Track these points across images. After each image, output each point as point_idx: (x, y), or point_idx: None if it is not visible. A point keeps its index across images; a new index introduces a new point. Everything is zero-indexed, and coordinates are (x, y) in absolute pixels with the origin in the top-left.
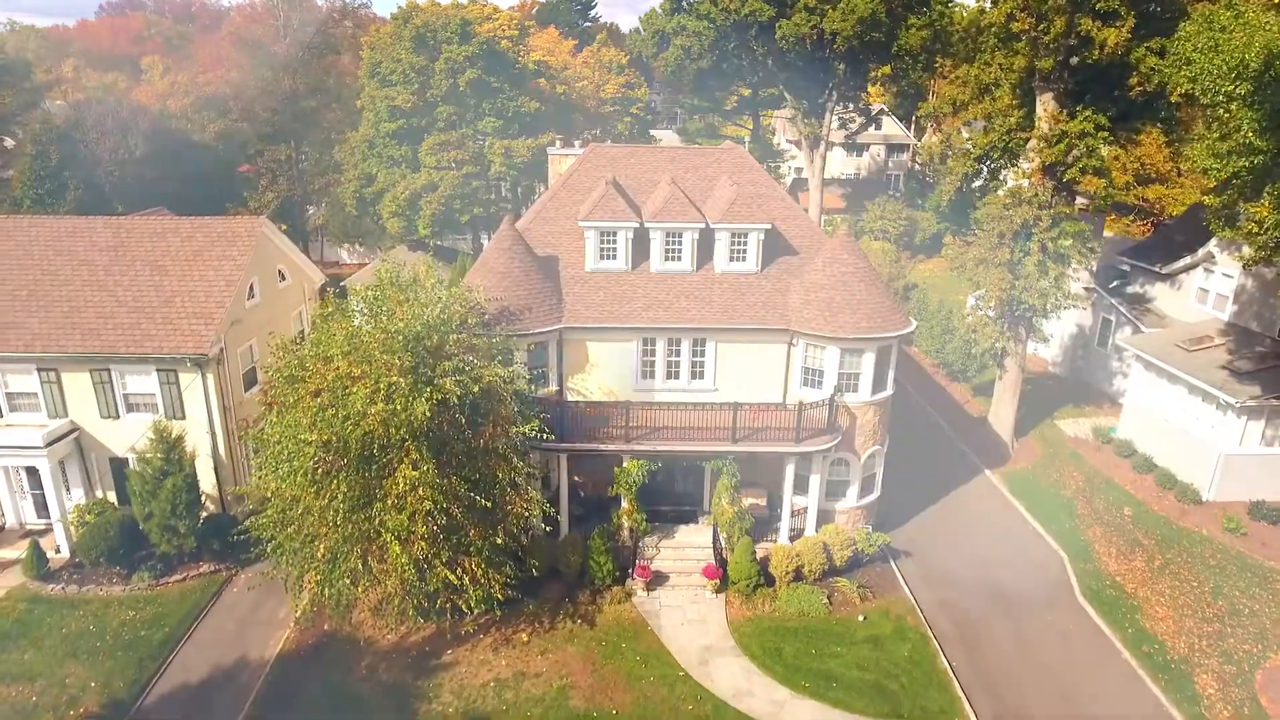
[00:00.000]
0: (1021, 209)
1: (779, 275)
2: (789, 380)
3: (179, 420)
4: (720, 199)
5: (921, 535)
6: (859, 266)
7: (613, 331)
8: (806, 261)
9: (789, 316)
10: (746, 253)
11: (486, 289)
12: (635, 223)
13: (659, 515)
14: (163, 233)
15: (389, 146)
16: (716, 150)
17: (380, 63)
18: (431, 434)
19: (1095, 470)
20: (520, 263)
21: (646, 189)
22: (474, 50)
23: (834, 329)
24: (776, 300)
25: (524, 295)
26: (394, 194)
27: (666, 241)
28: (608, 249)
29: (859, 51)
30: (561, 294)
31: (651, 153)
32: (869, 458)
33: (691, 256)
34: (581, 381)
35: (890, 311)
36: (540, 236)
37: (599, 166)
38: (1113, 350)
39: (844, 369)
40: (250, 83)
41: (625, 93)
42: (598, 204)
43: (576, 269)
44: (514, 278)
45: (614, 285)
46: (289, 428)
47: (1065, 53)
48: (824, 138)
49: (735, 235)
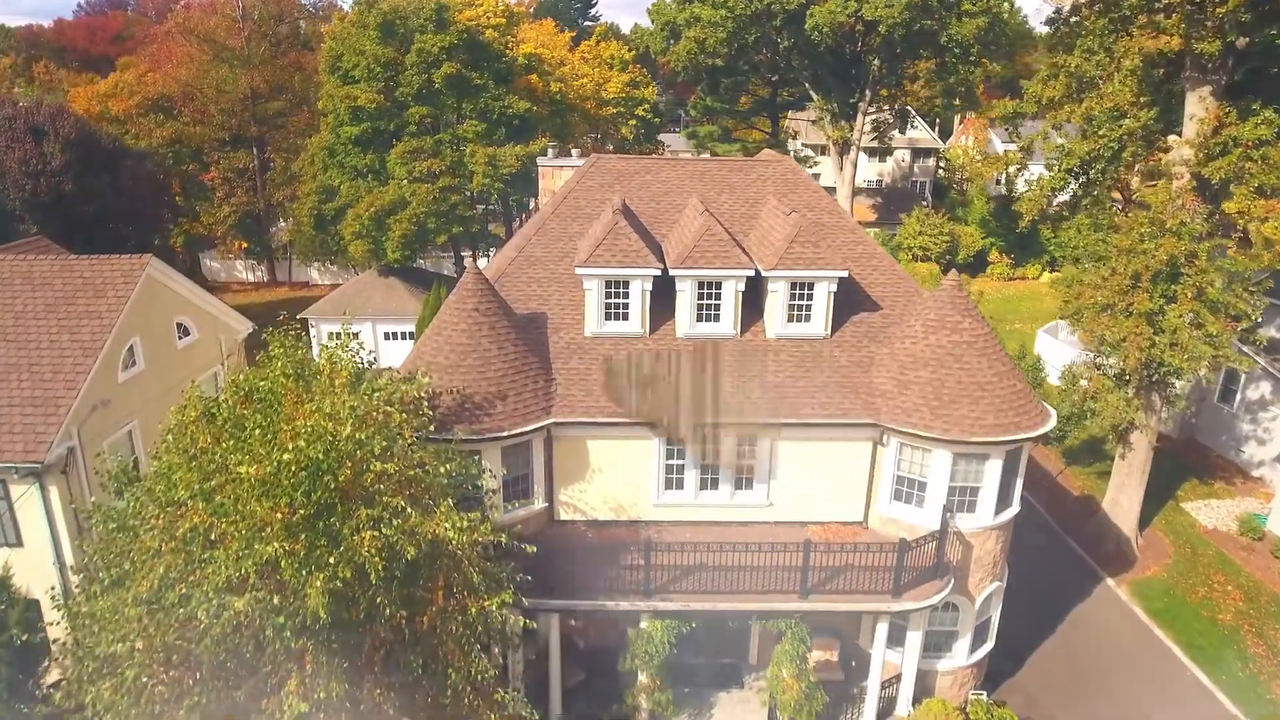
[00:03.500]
0: (1167, 241)
1: (857, 341)
2: (874, 491)
3: (10, 548)
4: (773, 234)
5: (1046, 692)
6: (977, 333)
7: (625, 427)
8: (894, 322)
9: (876, 404)
10: (812, 311)
11: (440, 371)
12: (655, 269)
13: (688, 675)
14: (7, 279)
15: (352, 155)
16: (757, 163)
17: (341, 55)
18: (339, 627)
19: (1254, 583)
20: (490, 329)
21: (667, 216)
22: (452, 40)
23: (945, 426)
24: (856, 379)
25: (495, 377)
26: (357, 210)
27: (700, 295)
28: (617, 306)
29: (901, 44)
30: (551, 371)
31: (671, 166)
32: (985, 600)
33: (734, 316)
34: (580, 494)
35: (1023, 400)
36: (521, 286)
37: (603, 184)
38: (1242, 410)
39: (957, 480)
40: (204, 81)
41: (630, 92)
42: (603, 242)
43: (573, 333)
44: (481, 352)
45: (624, 357)
46: (110, 620)
47: (1239, 30)
48: (855, 142)
49: (797, 287)
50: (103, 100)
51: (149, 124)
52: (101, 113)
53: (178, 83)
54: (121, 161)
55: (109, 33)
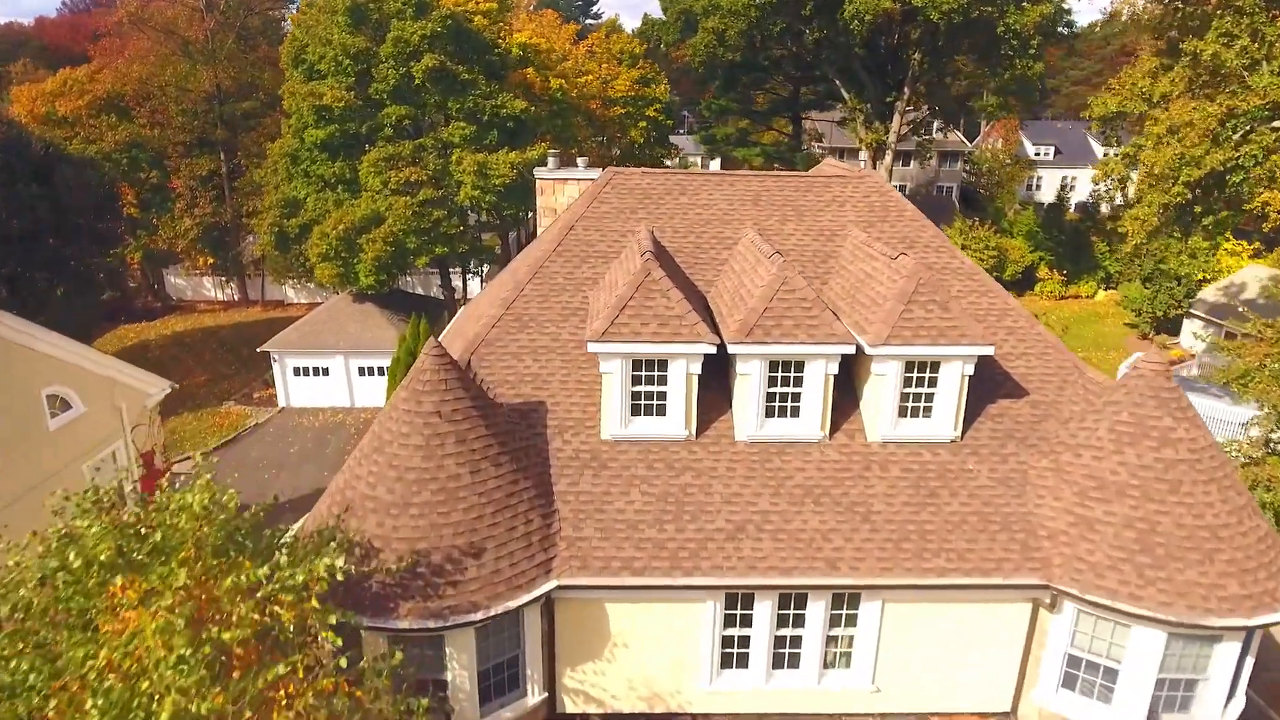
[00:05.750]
0: None
1: (1000, 446)
2: (1031, 674)
3: None
4: (871, 286)
5: None
6: (1199, 447)
7: (660, 590)
8: (1047, 414)
9: (1043, 551)
10: (936, 403)
11: (379, 514)
12: (709, 343)
13: None
14: None
15: (318, 162)
16: (831, 179)
17: (306, 46)
18: None
19: None
20: (458, 444)
21: (712, 254)
22: (435, 28)
23: (1163, 598)
24: (1006, 508)
25: (466, 521)
26: (323, 228)
27: (771, 381)
28: (650, 396)
29: (945, 35)
30: (552, 499)
31: (714, 184)
32: None
33: (823, 410)
34: (596, 677)
35: (1273, 552)
36: (509, 361)
37: (622, 209)
38: None
39: (1167, 669)
40: (163, 77)
41: (640, 90)
42: (630, 303)
43: (585, 435)
44: (444, 482)
45: (661, 474)
46: None
47: None
48: (890, 145)
49: (916, 368)
50: (49, 100)
51: (101, 126)
52: (47, 114)
53: (130, 80)
54: (56, 169)
55: (90, 30)
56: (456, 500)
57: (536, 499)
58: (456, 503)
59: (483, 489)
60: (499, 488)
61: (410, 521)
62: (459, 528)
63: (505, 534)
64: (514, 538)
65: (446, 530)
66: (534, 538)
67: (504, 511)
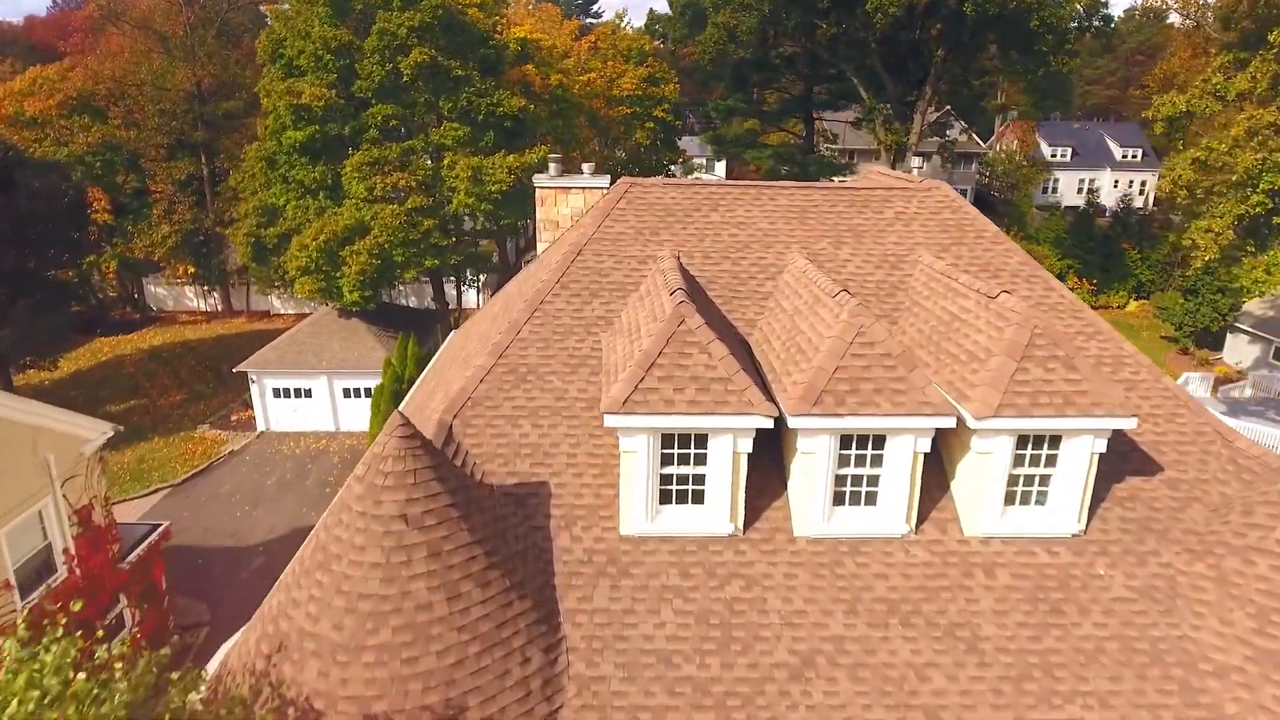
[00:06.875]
0: None
1: (1136, 544)
2: None
3: None
4: (960, 332)
5: None
6: None
7: None
8: (1193, 496)
9: (1209, 692)
10: (1053, 487)
11: (323, 656)
12: (765, 416)
13: None
14: None
15: (297, 166)
16: (890, 190)
17: (284, 39)
18: None
19: None
20: (430, 559)
21: (753, 285)
22: (424, 19)
23: None
24: (1153, 630)
25: (441, 669)
26: (302, 239)
27: (843, 460)
28: (684, 479)
29: (976, 30)
30: (558, 626)
31: (751, 197)
32: None
33: (909, 498)
34: None
35: None
36: (499, 428)
37: (640, 229)
38: None
39: None
40: (138, 75)
41: (648, 89)
42: (658, 360)
43: (599, 529)
44: (411, 612)
45: (700, 584)
46: None
47: None
48: (911, 146)
49: (1032, 444)
50: (16, 100)
51: (73, 127)
52: (15, 114)
53: (104, 78)
54: (16, 174)
55: (76, 27)
56: (428, 640)
57: (536, 625)
58: (428, 644)
59: (464, 621)
60: (486, 617)
61: (364, 672)
62: (430, 680)
63: (494, 682)
64: (506, 686)
65: (414, 684)
66: (533, 683)
67: (493, 650)
